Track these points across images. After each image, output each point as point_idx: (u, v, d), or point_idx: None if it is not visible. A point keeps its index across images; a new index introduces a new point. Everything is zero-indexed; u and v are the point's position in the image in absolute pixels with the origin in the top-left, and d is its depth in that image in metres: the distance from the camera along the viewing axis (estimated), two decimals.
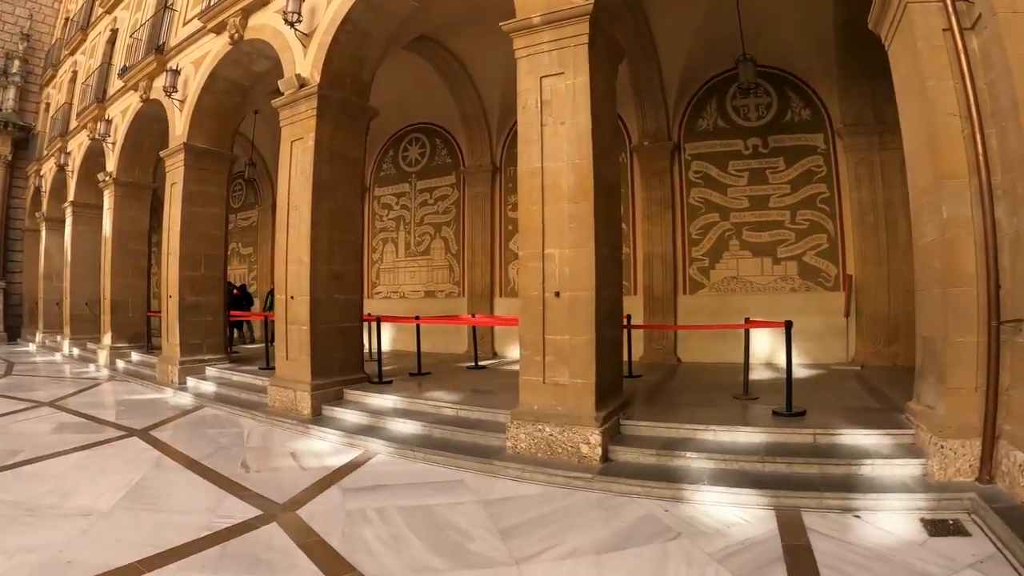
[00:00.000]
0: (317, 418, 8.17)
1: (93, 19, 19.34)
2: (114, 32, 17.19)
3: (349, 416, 7.99)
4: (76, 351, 17.19)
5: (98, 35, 18.53)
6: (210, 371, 11.39)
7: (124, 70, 14.54)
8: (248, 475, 5.96)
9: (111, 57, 16.84)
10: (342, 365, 8.88)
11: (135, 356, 14.38)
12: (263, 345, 12.70)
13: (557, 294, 6.06)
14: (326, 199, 8.68)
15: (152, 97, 13.30)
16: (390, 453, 6.67)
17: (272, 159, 17.80)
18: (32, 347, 21.03)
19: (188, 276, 11.42)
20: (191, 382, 11.03)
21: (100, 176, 14.78)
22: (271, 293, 16.68)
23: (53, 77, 23.28)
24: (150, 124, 14.19)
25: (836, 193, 10.88)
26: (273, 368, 10.48)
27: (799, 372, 8.78)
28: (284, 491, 5.33)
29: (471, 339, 12.75)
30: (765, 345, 10.78)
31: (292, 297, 8.65)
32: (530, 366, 6.21)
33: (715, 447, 5.63)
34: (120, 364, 14.09)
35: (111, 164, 14.78)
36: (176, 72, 11.89)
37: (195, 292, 11.51)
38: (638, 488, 5.08)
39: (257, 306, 17.91)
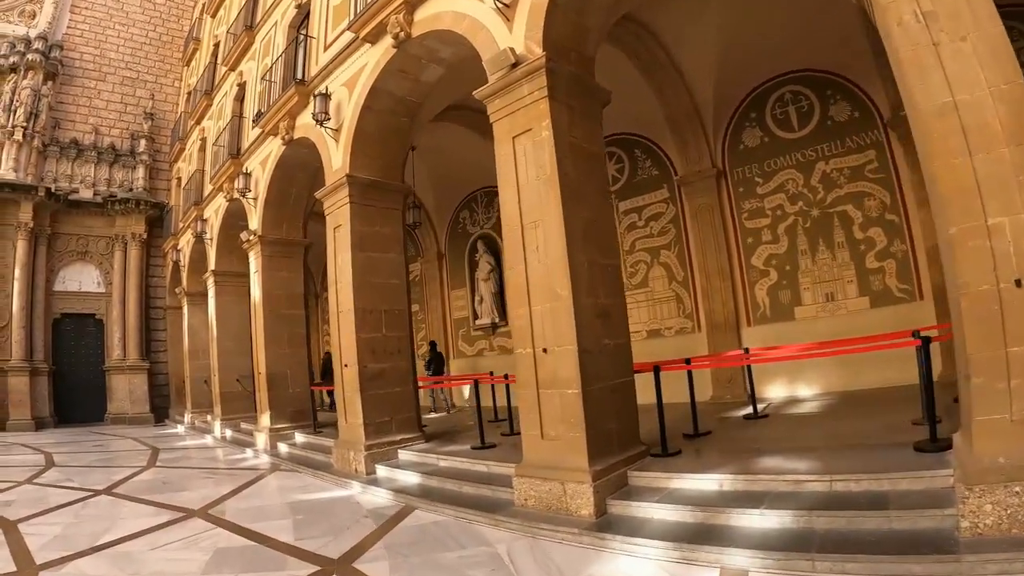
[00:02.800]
0: (603, 519, 5.57)
1: (217, 80, 18.45)
2: (241, 87, 15.93)
3: (658, 512, 5.40)
4: (229, 432, 15.47)
5: (224, 96, 17.50)
6: (404, 455, 9.03)
7: (259, 116, 12.93)
8: None
9: (241, 111, 15.44)
10: (620, 438, 6.25)
11: (299, 438, 12.31)
12: (433, 413, 10.18)
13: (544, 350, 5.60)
14: (577, 207, 6.18)
15: (296, 137, 11.48)
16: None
17: (434, 205, 16.02)
18: (180, 428, 19.78)
19: (367, 339, 9.16)
20: (382, 471, 8.69)
21: (243, 236, 13.04)
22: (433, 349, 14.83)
23: (182, 151, 22.78)
24: (294, 172, 12.46)
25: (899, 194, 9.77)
26: (489, 446, 8.40)
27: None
28: None
29: (716, 383, 10.17)
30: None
31: (544, 350, 6.09)
32: None
33: None
34: (283, 448, 12.03)
35: (254, 222, 13.05)
36: (326, 96, 9.93)
37: (377, 358, 9.22)
38: None
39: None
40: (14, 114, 22.13)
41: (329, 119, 9.88)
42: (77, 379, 22.60)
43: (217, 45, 19.36)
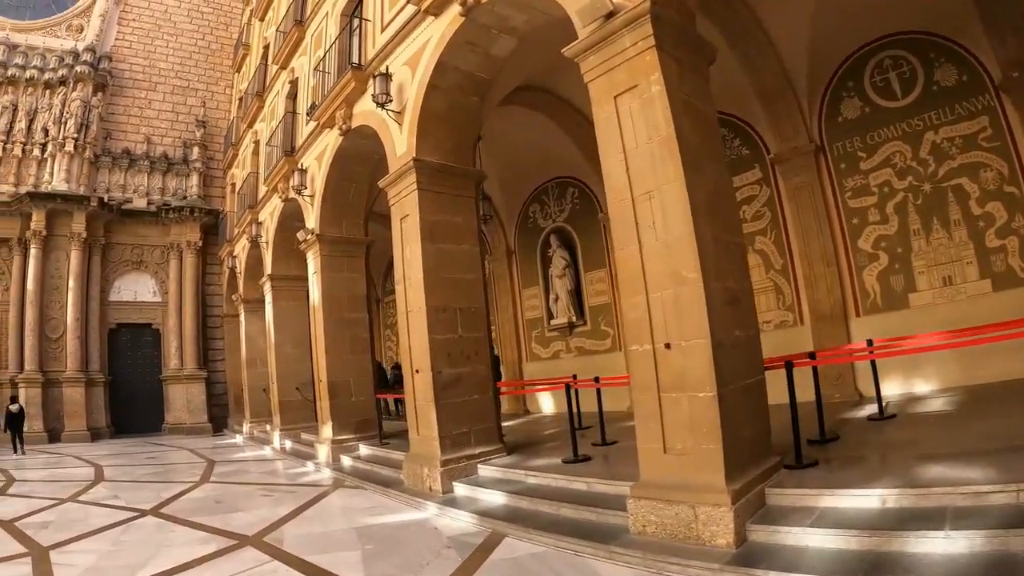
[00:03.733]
0: (744, 548, 4.56)
1: (268, 81, 17.97)
2: (293, 84, 15.36)
3: (812, 539, 4.42)
4: (288, 443, 14.79)
5: (276, 95, 17.01)
6: (485, 471, 8.11)
7: (312, 108, 12.25)
8: None
9: (294, 108, 14.87)
10: (753, 448, 5.22)
11: (364, 450, 11.49)
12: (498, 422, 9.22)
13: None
14: (698, 175, 5.17)
15: (355, 126, 10.73)
16: None
17: (501, 199, 15.24)
18: (239, 439, 19.30)
19: (441, 341, 8.27)
20: (460, 489, 7.78)
21: (300, 236, 12.34)
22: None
23: (235, 156, 22.48)
24: (353, 166, 11.72)
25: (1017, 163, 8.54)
26: (582, 459, 7.53)
27: None
28: None
29: (823, 380, 9.00)
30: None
31: (667, 346, 5.09)
32: None
33: None
34: (346, 461, 11.23)
35: (312, 220, 12.34)
36: (386, 76, 9.11)
37: (453, 362, 8.32)
38: None
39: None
40: (64, 126, 22.25)
41: (391, 100, 9.06)
42: (134, 389, 22.57)
43: (267, 47, 18.95)
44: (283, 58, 15.79)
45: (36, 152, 22.25)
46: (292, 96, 15.35)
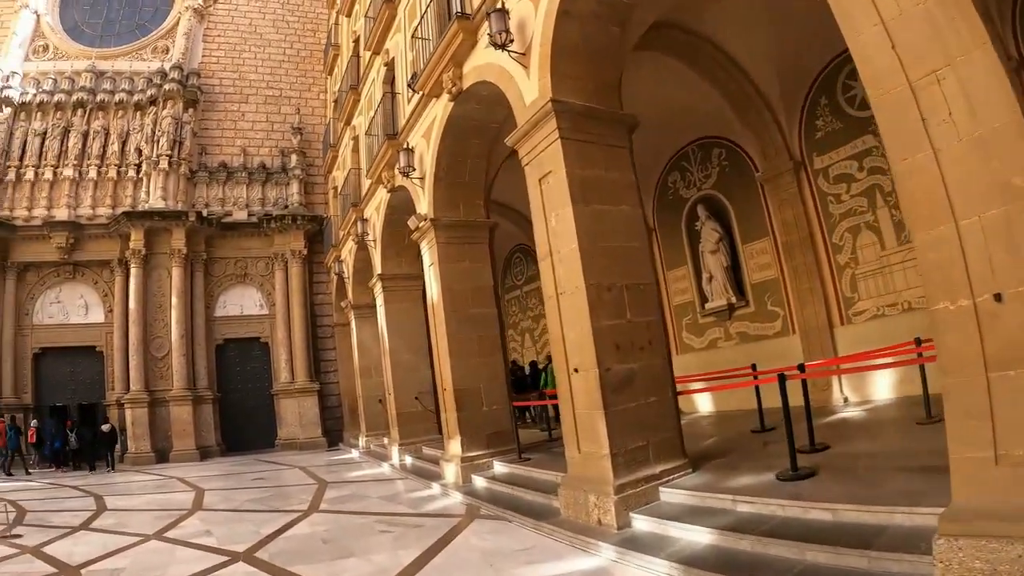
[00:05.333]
0: None
1: (362, 71, 17.06)
2: (389, 66, 14.18)
3: None
4: (409, 459, 13.31)
5: (372, 84, 15.98)
6: (670, 495, 6.20)
7: (414, 78, 10.82)
8: None
9: (392, 89, 13.70)
10: None
11: (499, 467, 9.80)
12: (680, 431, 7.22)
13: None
14: None
15: (467, 87, 9.14)
16: None
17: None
18: (355, 453, 18.21)
19: (606, 328, 6.41)
20: (641, 522, 5.89)
21: (411, 223, 10.79)
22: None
23: (335, 159, 21.79)
24: (467, 138, 10.17)
25: None
26: (804, 474, 5.62)
27: None
28: None
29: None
30: None
31: (997, 297, 3.09)
32: None
33: None
34: (478, 482, 9.56)
35: (423, 205, 10.84)
36: (502, 12, 7.38)
37: (623, 356, 6.45)
38: None
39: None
40: (157, 144, 22.34)
41: (512, 39, 7.32)
42: (244, 405, 22.28)
43: (357, 40, 18.25)
44: (375, 42, 14.65)
45: (131, 173, 22.54)
46: (389, 81, 14.17)
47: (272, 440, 21.73)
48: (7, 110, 22.58)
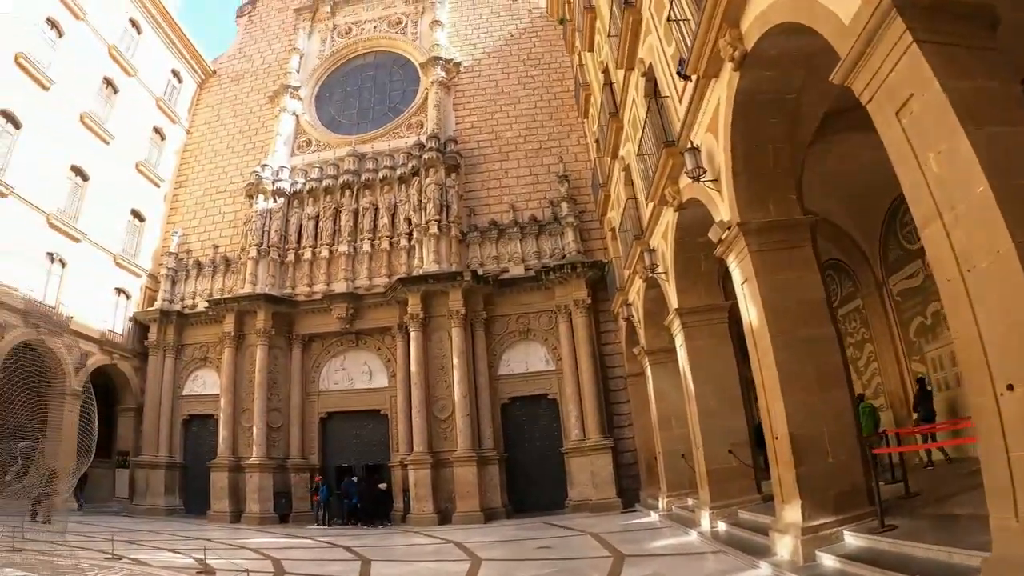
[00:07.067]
0: None
1: (618, 95, 16.00)
2: (646, 75, 12.86)
3: None
4: (722, 526, 10.96)
5: (632, 102, 14.67)
6: None
7: (681, 64, 9.29)
8: None
9: (656, 92, 12.22)
10: None
11: (851, 540, 7.28)
12: None
13: None
14: None
15: (750, 48, 7.32)
16: None
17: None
18: (654, 516, 16.13)
19: None
20: None
21: (713, 235, 8.94)
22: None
23: (607, 199, 20.89)
24: (762, 117, 8.18)
25: None
26: None
27: None
28: None
29: None
30: None
31: None
32: None
33: None
34: (826, 562, 7.08)
35: (723, 211, 9.03)
36: None
37: None
38: None
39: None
40: (425, 211, 23.35)
41: None
42: (531, 464, 21.72)
43: (606, 70, 17.35)
44: (626, 55, 13.52)
45: (403, 242, 23.91)
46: (650, 93, 12.67)
47: (561, 500, 20.62)
48: (281, 200, 25.53)
